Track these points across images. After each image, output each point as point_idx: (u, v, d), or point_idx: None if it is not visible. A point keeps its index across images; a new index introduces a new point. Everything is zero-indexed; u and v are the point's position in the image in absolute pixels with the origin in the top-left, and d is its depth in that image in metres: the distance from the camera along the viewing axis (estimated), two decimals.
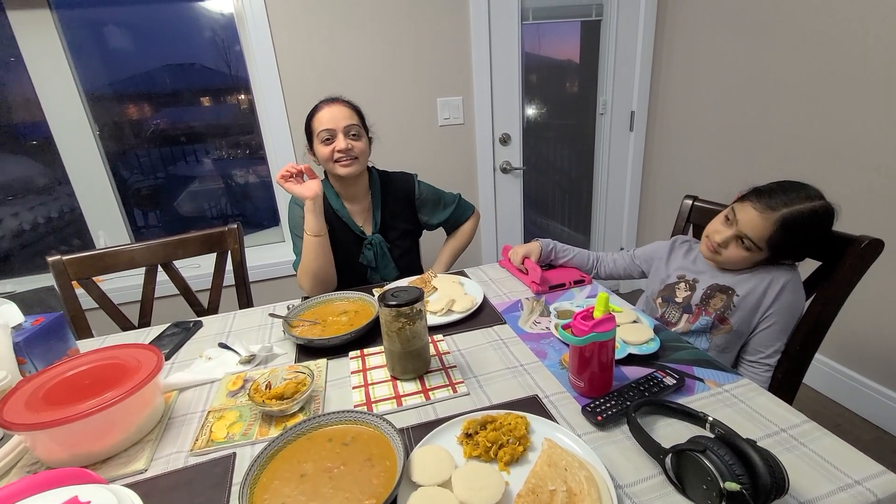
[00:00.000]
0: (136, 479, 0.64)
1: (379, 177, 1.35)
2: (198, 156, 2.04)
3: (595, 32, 2.18)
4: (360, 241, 1.31)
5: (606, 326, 0.68)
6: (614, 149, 2.36)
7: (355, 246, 1.30)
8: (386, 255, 1.32)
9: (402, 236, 1.37)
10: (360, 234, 1.31)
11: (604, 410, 0.68)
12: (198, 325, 1.06)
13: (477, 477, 0.56)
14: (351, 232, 1.30)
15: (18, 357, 0.80)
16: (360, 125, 1.23)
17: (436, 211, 1.41)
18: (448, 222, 1.43)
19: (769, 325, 0.96)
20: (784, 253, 0.94)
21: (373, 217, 1.32)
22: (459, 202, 1.44)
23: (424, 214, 1.40)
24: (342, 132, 1.19)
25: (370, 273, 1.33)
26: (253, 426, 0.71)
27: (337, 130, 1.19)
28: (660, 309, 1.09)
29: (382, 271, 1.34)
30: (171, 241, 1.30)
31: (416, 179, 1.38)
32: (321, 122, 1.20)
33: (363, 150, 1.23)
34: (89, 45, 1.75)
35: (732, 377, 0.76)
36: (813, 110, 1.63)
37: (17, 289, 1.80)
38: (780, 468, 0.50)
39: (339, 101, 1.23)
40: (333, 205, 1.29)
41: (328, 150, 1.20)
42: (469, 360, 0.86)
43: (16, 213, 1.90)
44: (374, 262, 1.31)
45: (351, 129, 1.20)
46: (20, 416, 0.62)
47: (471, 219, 1.46)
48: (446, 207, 1.42)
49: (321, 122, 1.20)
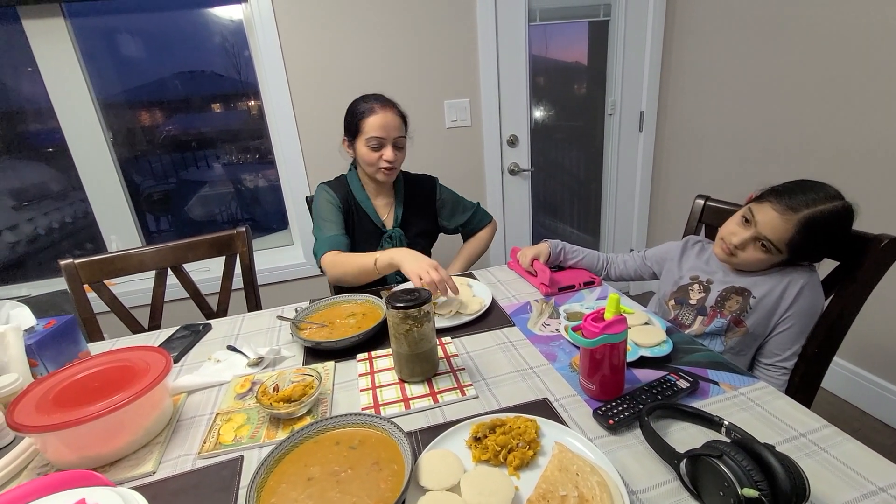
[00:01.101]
0: (145, 482, 0.64)
1: (403, 176, 1.38)
2: (208, 161, 2.06)
3: (603, 32, 2.17)
4: (379, 234, 1.32)
5: (618, 328, 0.67)
6: (623, 149, 2.34)
7: (375, 238, 1.32)
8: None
9: (420, 235, 1.39)
10: (381, 228, 1.32)
11: (616, 414, 0.66)
12: (207, 328, 1.07)
13: (486, 481, 0.55)
14: (372, 224, 1.32)
15: (30, 360, 0.81)
16: (405, 136, 1.27)
17: (454, 215, 1.43)
18: (465, 227, 1.46)
19: (787, 328, 0.93)
20: (803, 255, 0.92)
21: (394, 212, 1.35)
22: (478, 209, 1.47)
23: (444, 217, 1.43)
24: (391, 143, 1.22)
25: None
26: (261, 429, 0.71)
27: (388, 140, 1.21)
28: (672, 311, 1.07)
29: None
30: (180, 245, 1.31)
31: (437, 182, 1.42)
32: (373, 126, 1.20)
33: (402, 160, 1.29)
34: (102, 54, 1.78)
35: (748, 380, 0.74)
36: (826, 108, 1.60)
37: (33, 292, 1.83)
38: (801, 474, 0.49)
39: (391, 108, 1.24)
40: (358, 196, 1.31)
41: (375, 157, 1.22)
42: (477, 362, 0.85)
43: (31, 219, 1.93)
44: None
45: (398, 141, 1.24)
46: (30, 418, 0.63)
47: (487, 227, 1.49)
48: (465, 212, 1.44)
49: (373, 127, 1.20)
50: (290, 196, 2.01)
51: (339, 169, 1.41)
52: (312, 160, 1.92)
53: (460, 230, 1.47)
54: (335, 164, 1.43)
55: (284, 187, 2.03)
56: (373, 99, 1.24)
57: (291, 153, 1.90)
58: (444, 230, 1.46)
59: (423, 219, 1.39)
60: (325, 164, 1.92)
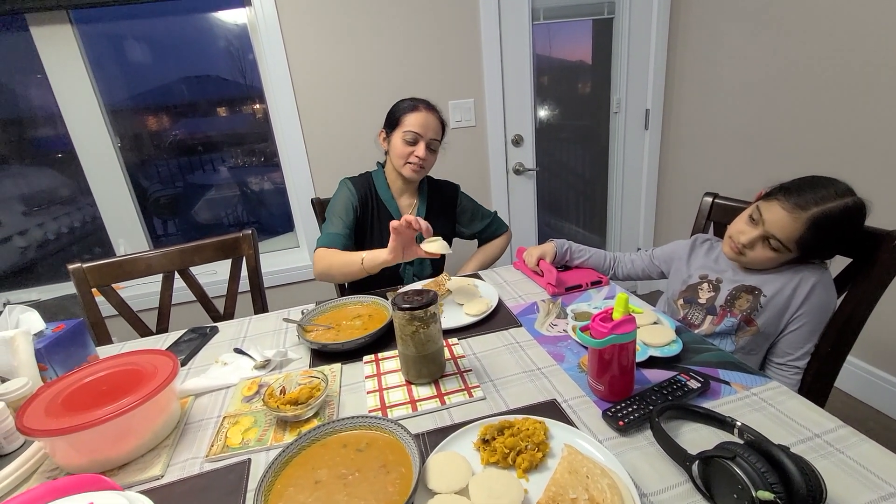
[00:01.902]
0: (153, 486, 0.64)
1: (427, 180, 1.41)
2: (214, 164, 2.08)
3: (607, 30, 2.16)
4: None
5: (626, 328, 0.66)
6: (629, 148, 2.33)
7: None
8: None
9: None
10: None
11: (625, 415, 0.65)
12: (214, 331, 1.07)
13: (495, 484, 0.54)
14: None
15: (40, 363, 0.82)
16: (439, 141, 1.30)
17: (473, 222, 1.47)
18: (482, 234, 1.49)
19: (798, 327, 0.92)
20: (814, 253, 0.90)
21: (416, 212, 1.36)
22: (495, 218, 1.50)
23: (462, 224, 1.46)
24: (426, 142, 1.24)
25: (404, 268, 1.35)
26: (268, 432, 0.71)
27: (423, 138, 1.24)
28: (682, 310, 1.05)
29: (417, 267, 1.37)
30: (187, 248, 1.32)
31: (459, 190, 1.46)
32: (413, 122, 1.24)
33: (432, 163, 1.31)
34: (109, 60, 1.79)
35: (761, 380, 0.72)
36: (836, 102, 1.58)
37: (43, 297, 1.85)
38: (817, 476, 0.48)
39: (434, 111, 1.28)
40: (382, 194, 1.34)
41: (407, 151, 1.25)
42: (484, 363, 0.84)
43: (41, 224, 1.95)
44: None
45: (432, 144, 1.27)
46: (40, 422, 0.63)
47: (503, 236, 1.52)
48: (483, 220, 1.48)
49: (412, 123, 1.24)
50: (296, 198, 2.01)
51: (343, 170, 1.41)
52: (317, 162, 1.93)
53: (476, 237, 1.50)
54: (340, 165, 1.44)
55: (290, 189, 2.04)
56: (420, 100, 1.28)
57: (296, 155, 1.90)
58: (461, 236, 1.49)
59: (443, 223, 1.41)
60: (329, 166, 1.92)
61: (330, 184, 1.37)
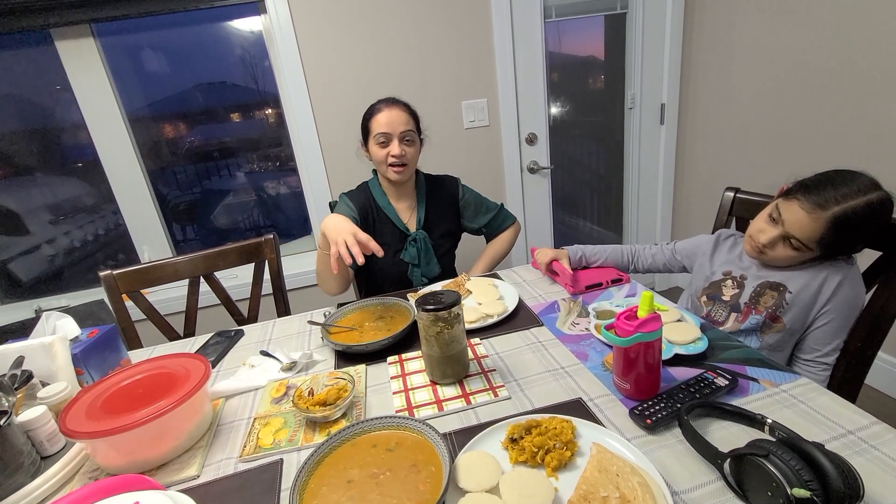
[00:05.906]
0: (190, 485, 0.66)
1: (424, 178, 1.39)
2: (230, 170, 2.11)
3: (620, 25, 2.14)
4: (403, 237, 1.33)
5: (652, 326, 0.66)
6: (645, 143, 2.30)
7: (399, 242, 1.32)
8: (430, 251, 1.33)
9: (444, 236, 1.39)
10: (405, 231, 1.33)
11: (653, 413, 0.65)
12: (239, 334, 1.09)
13: (526, 483, 0.55)
14: (395, 228, 1.32)
15: (76, 368, 0.84)
16: (414, 130, 1.26)
17: (477, 215, 1.43)
18: (489, 227, 1.45)
19: (825, 323, 0.90)
20: (838, 250, 0.88)
21: (417, 214, 1.35)
22: (501, 210, 1.47)
23: (467, 218, 1.43)
24: (398, 137, 1.22)
25: (411, 270, 1.34)
26: (298, 432, 0.72)
27: (393, 135, 1.22)
28: (705, 307, 1.04)
29: (425, 268, 1.35)
30: (211, 253, 1.35)
31: (459, 183, 1.42)
32: (379, 124, 1.23)
33: (414, 156, 1.28)
34: (129, 70, 1.84)
35: (790, 376, 0.72)
36: (858, 94, 1.54)
37: (72, 303, 1.90)
38: (854, 473, 0.47)
39: (397, 105, 1.25)
40: (380, 202, 1.32)
41: (383, 153, 1.23)
42: (508, 363, 0.84)
43: (67, 232, 2.01)
44: (417, 259, 1.32)
45: (406, 136, 1.24)
46: (81, 424, 0.65)
47: (511, 228, 1.48)
48: (488, 213, 1.44)
49: (379, 125, 1.23)
50: (313, 201, 2.04)
51: (359, 171, 1.42)
52: (333, 165, 1.95)
53: (483, 231, 1.47)
54: (355, 168, 1.44)
55: (307, 193, 2.06)
56: (380, 100, 1.27)
57: (313, 159, 1.93)
58: (468, 231, 1.46)
59: (447, 220, 1.39)
60: (345, 169, 1.94)
61: (347, 186, 1.38)
